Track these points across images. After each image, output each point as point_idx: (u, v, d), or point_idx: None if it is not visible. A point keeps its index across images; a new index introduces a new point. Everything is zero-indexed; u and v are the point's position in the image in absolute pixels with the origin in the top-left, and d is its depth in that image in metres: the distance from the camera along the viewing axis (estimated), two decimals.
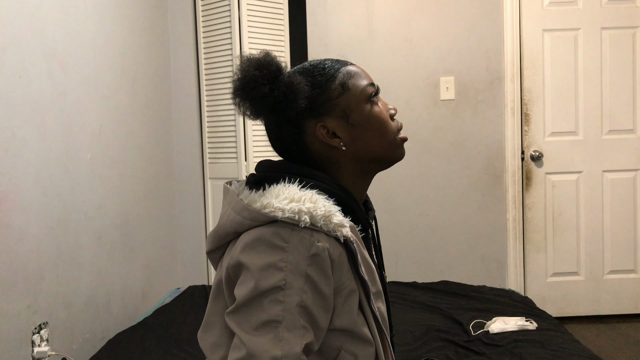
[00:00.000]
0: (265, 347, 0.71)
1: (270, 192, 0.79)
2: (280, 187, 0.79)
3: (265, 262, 0.74)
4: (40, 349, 1.63)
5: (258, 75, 0.80)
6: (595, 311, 3.03)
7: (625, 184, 3.01)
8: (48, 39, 1.77)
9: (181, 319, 2.07)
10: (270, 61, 0.82)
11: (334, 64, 0.87)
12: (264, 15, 2.84)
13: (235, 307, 0.75)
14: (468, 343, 1.76)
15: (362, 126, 0.85)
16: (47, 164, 1.75)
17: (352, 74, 0.87)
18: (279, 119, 0.85)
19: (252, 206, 0.78)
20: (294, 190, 0.78)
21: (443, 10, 2.98)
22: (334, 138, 0.85)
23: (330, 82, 0.85)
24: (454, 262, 3.03)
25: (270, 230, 0.75)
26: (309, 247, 0.74)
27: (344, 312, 0.79)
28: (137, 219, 2.42)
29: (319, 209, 0.76)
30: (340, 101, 0.85)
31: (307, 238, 0.75)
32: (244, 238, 0.77)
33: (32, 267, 1.64)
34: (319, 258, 0.75)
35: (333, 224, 0.77)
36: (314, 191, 0.79)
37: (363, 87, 0.86)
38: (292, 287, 0.73)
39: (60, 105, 1.84)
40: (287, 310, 0.72)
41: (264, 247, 0.75)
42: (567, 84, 2.98)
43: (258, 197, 0.79)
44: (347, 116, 0.85)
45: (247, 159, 2.80)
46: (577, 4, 2.96)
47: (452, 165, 3.01)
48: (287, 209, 0.75)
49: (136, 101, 2.47)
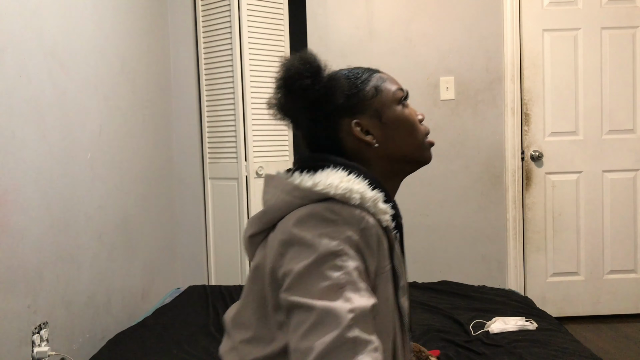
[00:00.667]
0: (335, 305, 0.70)
1: (320, 174, 0.83)
2: (328, 171, 0.84)
3: (320, 233, 0.76)
4: (40, 349, 1.63)
5: (302, 68, 0.85)
6: (595, 311, 3.03)
7: (625, 184, 3.01)
8: (48, 39, 1.77)
9: (181, 319, 2.07)
10: (313, 58, 0.87)
11: (367, 70, 0.94)
12: (264, 15, 2.84)
13: (293, 280, 0.74)
14: (468, 343, 1.76)
15: (393, 126, 0.91)
16: (47, 164, 1.75)
17: (384, 78, 0.94)
18: (316, 115, 0.89)
19: (304, 185, 0.81)
20: (343, 174, 0.83)
21: (443, 10, 2.98)
22: (367, 135, 0.90)
23: (365, 84, 0.91)
24: (454, 262, 3.02)
25: (322, 206, 0.79)
26: (359, 221, 0.78)
27: (379, 298, 0.80)
28: (137, 219, 2.42)
29: (368, 191, 0.81)
30: (373, 102, 0.91)
31: (357, 213, 0.79)
32: (295, 214, 0.80)
33: (32, 267, 1.64)
34: (368, 232, 0.78)
35: (379, 207, 0.81)
36: (359, 177, 0.84)
37: (394, 90, 0.93)
38: (347, 253, 0.75)
39: (60, 105, 1.84)
40: (347, 273, 0.73)
41: (316, 220, 0.78)
42: (567, 84, 2.98)
43: (309, 178, 0.83)
44: (380, 115, 0.91)
45: (247, 159, 2.80)
46: (577, 4, 2.96)
47: (452, 165, 3.01)
48: (340, 186, 0.79)
49: (136, 101, 2.47)
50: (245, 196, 2.83)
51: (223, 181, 2.91)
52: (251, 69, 2.79)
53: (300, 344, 0.70)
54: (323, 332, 0.68)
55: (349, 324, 0.68)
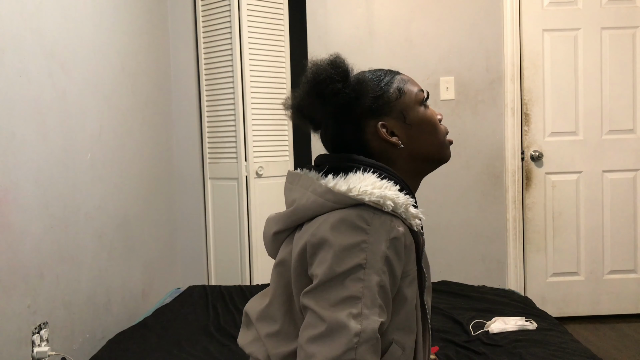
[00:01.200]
0: (345, 321, 0.74)
1: (353, 178, 0.84)
2: (359, 174, 0.85)
3: (349, 242, 0.78)
4: (40, 349, 1.63)
5: (333, 72, 0.87)
6: (595, 311, 3.03)
7: (625, 184, 3.01)
8: (48, 39, 1.77)
9: (181, 319, 2.07)
10: (342, 62, 0.89)
11: (388, 72, 0.96)
12: (264, 15, 2.84)
13: (315, 285, 0.78)
14: (468, 343, 1.76)
15: (417, 126, 0.94)
16: (47, 164, 1.75)
17: (406, 80, 0.97)
18: (343, 118, 0.92)
19: (338, 189, 0.82)
20: (375, 178, 0.84)
21: (443, 10, 2.98)
22: (393, 136, 0.92)
23: (389, 86, 0.94)
24: (454, 262, 3.03)
25: (354, 213, 0.80)
26: (389, 231, 0.80)
27: (404, 299, 0.83)
28: (137, 219, 2.42)
29: (401, 197, 0.83)
30: (397, 103, 0.93)
31: (388, 222, 0.80)
32: (326, 218, 0.81)
33: (32, 267, 1.64)
34: (398, 242, 0.80)
35: (411, 213, 0.83)
36: (391, 182, 0.85)
37: (416, 91, 0.96)
38: (373, 267, 0.77)
39: (60, 105, 1.84)
40: (367, 287, 0.76)
41: (348, 227, 0.79)
42: (567, 84, 2.98)
43: (343, 182, 0.83)
44: (404, 117, 0.93)
45: (247, 159, 2.80)
46: (577, 4, 2.96)
47: (452, 165, 3.01)
48: (374, 192, 0.80)
49: (136, 101, 2.47)
50: (245, 196, 2.83)
51: (223, 181, 2.91)
52: (251, 69, 2.79)
53: (307, 346, 0.75)
54: (328, 345, 0.73)
55: (353, 347, 0.73)
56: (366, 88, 0.89)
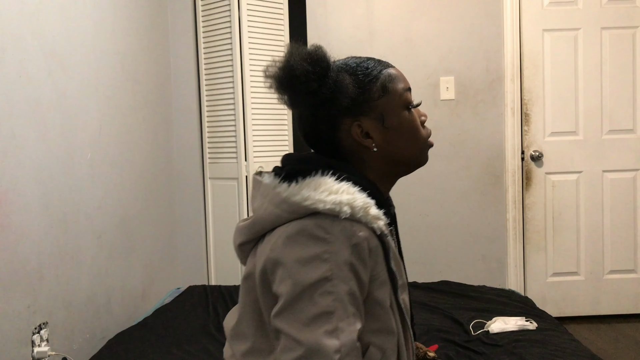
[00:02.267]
0: (323, 340, 0.71)
1: (307, 185, 0.80)
2: (316, 179, 0.81)
3: (310, 254, 0.75)
4: (40, 349, 1.63)
5: (310, 71, 0.81)
6: (595, 311, 3.03)
7: (625, 184, 3.01)
8: (48, 39, 1.77)
9: (181, 319, 2.07)
10: (322, 56, 0.83)
11: (376, 65, 0.89)
12: (264, 15, 2.84)
13: (283, 306, 0.74)
14: (468, 343, 1.76)
15: (395, 130, 0.87)
16: (47, 164, 1.75)
17: (393, 77, 0.89)
18: (316, 112, 0.86)
19: (292, 199, 0.79)
20: (331, 183, 0.80)
21: (443, 10, 2.98)
22: (367, 138, 0.86)
23: (372, 84, 0.87)
24: (454, 262, 3.02)
25: (312, 222, 0.77)
26: (350, 237, 0.76)
27: (376, 303, 0.80)
28: (137, 219, 2.42)
29: (358, 200, 0.78)
30: (379, 103, 0.87)
31: (349, 228, 0.76)
32: (284, 230, 0.78)
33: (32, 267, 1.64)
34: (360, 247, 0.76)
35: (371, 215, 0.79)
36: (349, 183, 0.81)
37: (402, 92, 0.89)
38: (339, 276, 0.74)
39: (60, 105, 1.84)
40: (338, 299, 0.73)
41: (307, 239, 0.76)
42: (567, 84, 2.98)
43: (297, 190, 0.79)
44: (383, 119, 0.87)
45: (247, 159, 2.80)
46: (577, 4, 2.96)
47: (452, 165, 3.01)
48: (328, 200, 0.77)
49: (136, 101, 2.47)
50: (245, 196, 2.83)
51: (223, 181, 2.91)
52: (251, 69, 2.79)
53: None
54: None
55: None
56: (345, 89, 0.82)
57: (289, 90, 0.83)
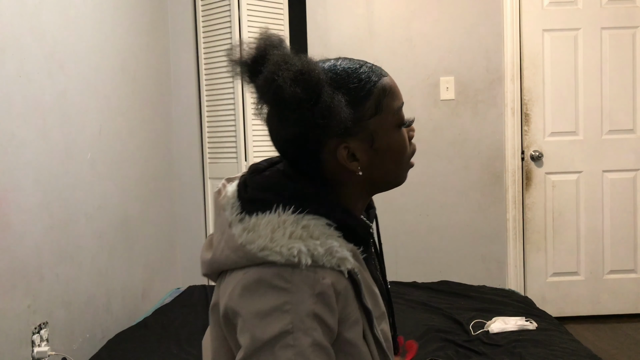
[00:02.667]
0: None
1: (265, 227, 0.73)
2: (274, 219, 0.73)
3: (269, 305, 0.69)
4: (40, 349, 1.63)
5: (302, 98, 0.70)
6: (595, 311, 3.03)
7: (625, 184, 3.01)
8: (48, 39, 1.77)
9: (181, 319, 2.07)
10: (315, 77, 0.72)
11: (370, 74, 0.78)
12: (264, 15, 2.84)
13: (244, 357, 0.69)
14: (468, 343, 1.76)
15: (383, 152, 0.79)
16: (47, 164, 1.75)
17: (387, 91, 0.79)
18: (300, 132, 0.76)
19: (248, 247, 0.72)
20: (290, 225, 0.73)
21: (443, 10, 2.98)
22: (353, 161, 0.78)
23: (365, 100, 0.77)
24: (454, 262, 3.02)
25: (270, 272, 0.70)
26: (313, 286, 0.70)
27: (347, 343, 0.74)
28: (137, 219, 2.42)
29: (319, 247, 0.71)
30: (370, 122, 0.77)
31: (311, 276, 0.70)
32: (241, 278, 0.72)
33: (32, 267, 1.64)
34: (325, 295, 0.70)
35: (336, 258, 0.72)
36: (312, 221, 0.74)
37: (395, 110, 0.80)
38: (301, 329, 0.68)
39: (60, 105, 1.84)
40: (299, 354, 0.67)
41: (265, 289, 0.70)
42: (567, 84, 2.98)
43: (253, 238, 0.72)
44: (373, 140, 0.78)
45: (247, 159, 2.80)
46: (577, 4, 2.96)
47: (452, 165, 3.01)
48: (284, 253, 0.70)
49: (136, 101, 2.47)
50: None
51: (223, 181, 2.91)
52: None
53: None
54: None
55: None
56: (340, 115, 0.72)
57: (271, 108, 0.76)
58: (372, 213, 0.93)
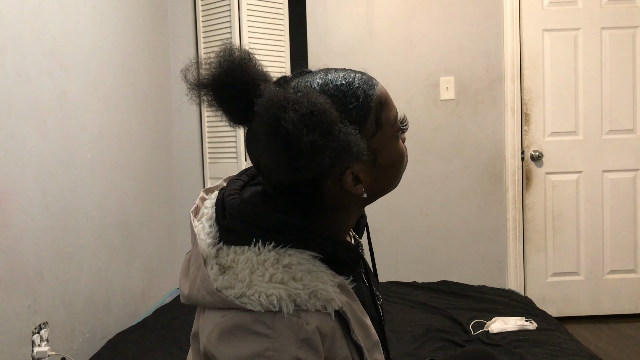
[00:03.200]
0: None
1: (242, 269, 0.67)
2: (253, 258, 0.68)
3: (250, 352, 0.64)
4: (40, 349, 1.63)
5: (320, 142, 0.62)
6: (595, 311, 3.03)
7: (625, 184, 3.01)
8: (48, 39, 1.77)
9: (181, 319, 2.07)
10: (323, 111, 0.63)
11: (364, 87, 0.72)
12: (264, 15, 2.84)
13: None
14: (468, 343, 1.76)
15: (386, 168, 0.75)
16: (47, 164, 1.75)
17: (383, 102, 0.74)
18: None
19: (224, 293, 0.67)
20: (270, 265, 0.67)
21: (443, 10, 2.98)
22: (357, 184, 0.73)
23: (366, 119, 0.71)
24: (454, 262, 3.03)
25: (250, 317, 0.65)
26: (297, 331, 0.65)
27: None
28: (137, 219, 2.42)
29: (302, 292, 0.66)
30: (372, 141, 0.72)
31: (294, 321, 0.65)
32: (219, 322, 0.67)
33: (32, 267, 1.64)
34: (310, 340, 0.66)
35: (321, 300, 0.67)
36: (295, 257, 0.69)
37: (393, 121, 0.75)
38: None
39: (60, 105, 1.84)
40: None
41: (245, 334, 0.65)
42: (567, 84, 2.98)
43: (230, 282, 0.67)
44: (375, 159, 0.73)
45: (247, 159, 2.80)
46: (577, 4, 2.96)
47: (452, 165, 3.01)
48: (264, 303, 0.65)
49: (136, 101, 2.47)
50: None
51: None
52: None
53: None
54: None
55: None
56: (355, 149, 0.65)
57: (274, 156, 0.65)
58: (362, 222, 0.90)
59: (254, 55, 0.73)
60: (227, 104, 0.74)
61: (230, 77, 0.71)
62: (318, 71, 0.75)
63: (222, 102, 0.74)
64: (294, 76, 0.75)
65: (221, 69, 0.72)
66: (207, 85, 0.74)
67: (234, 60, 0.73)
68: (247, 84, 0.71)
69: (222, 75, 0.72)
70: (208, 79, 0.74)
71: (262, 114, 0.65)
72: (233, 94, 0.72)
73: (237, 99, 0.72)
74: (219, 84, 0.72)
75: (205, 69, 0.74)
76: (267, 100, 0.64)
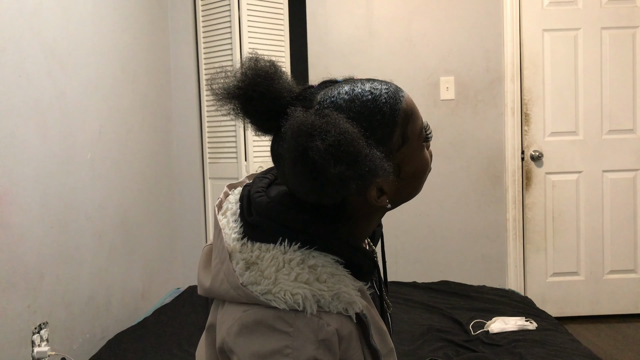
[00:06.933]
0: None
1: (268, 266, 0.68)
2: (279, 256, 0.69)
3: (268, 349, 0.65)
4: (40, 349, 1.63)
5: (347, 173, 0.62)
6: (595, 311, 3.03)
7: (625, 184, 3.01)
8: (48, 39, 1.77)
9: (181, 319, 2.07)
10: (352, 141, 0.63)
11: (390, 102, 0.72)
12: (264, 15, 2.84)
13: None
14: (468, 343, 1.76)
15: (409, 180, 0.75)
16: (47, 164, 1.75)
17: (409, 114, 0.73)
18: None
19: (249, 288, 0.68)
20: (296, 265, 0.68)
21: (443, 10, 2.98)
22: (382, 196, 0.73)
23: (392, 134, 0.71)
24: (454, 262, 3.03)
25: (272, 314, 0.66)
26: (317, 332, 0.66)
27: None
28: (137, 219, 2.42)
29: (326, 293, 0.67)
30: (397, 155, 0.73)
31: (315, 321, 0.66)
32: (240, 316, 0.68)
33: (32, 267, 1.64)
34: (328, 342, 0.67)
35: (343, 303, 0.69)
36: (320, 259, 0.70)
37: (419, 132, 0.75)
38: None
39: (60, 105, 1.84)
40: None
41: (266, 330, 0.66)
42: (567, 84, 2.98)
43: (256, 278, 0.68)
44: (400, 170, 0.74)
45: (247, 159, 2.80)
46: (577, 4, 2.96)
47: (452, 165, 3.01)
48: (289, 301, 0.66)
49: (136, 101, 2.47)
50: None
51: (223, 181, 2.91)
52: None
53: None
54: None
55: None
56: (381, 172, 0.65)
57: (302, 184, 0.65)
58: (378, 231, 0.90)
59: (279, 66, 0.74)
60: (253, 116, 0.74)
61: (257, 92, 0.71)
62: (343, 82, 0.74)
63: (248, 114, 0.74)
64: (319, 87, 0.75)
65: (247, 80, 0.72)
66: (234, 97, 0.73)
67: (258, 71, 0.73)
68: (273, 98, 0.72)
69: (248, 89, 0.72)
70: (234, 91, 0.73)
71: (289, 140, 0.64)
72: (259, 108, 0.72)
73: (263, 113, 0.73)
74: (246, 98, 0.72)
75: (230, 78, 0.74)
76: (294, 127, 0.64)
